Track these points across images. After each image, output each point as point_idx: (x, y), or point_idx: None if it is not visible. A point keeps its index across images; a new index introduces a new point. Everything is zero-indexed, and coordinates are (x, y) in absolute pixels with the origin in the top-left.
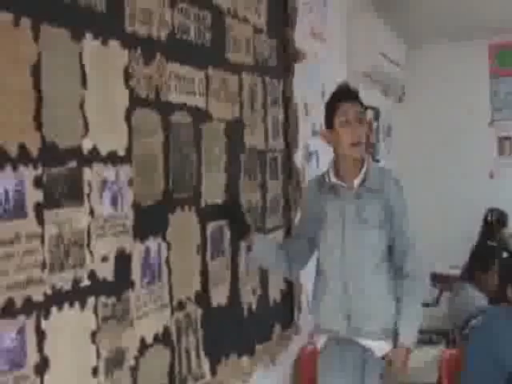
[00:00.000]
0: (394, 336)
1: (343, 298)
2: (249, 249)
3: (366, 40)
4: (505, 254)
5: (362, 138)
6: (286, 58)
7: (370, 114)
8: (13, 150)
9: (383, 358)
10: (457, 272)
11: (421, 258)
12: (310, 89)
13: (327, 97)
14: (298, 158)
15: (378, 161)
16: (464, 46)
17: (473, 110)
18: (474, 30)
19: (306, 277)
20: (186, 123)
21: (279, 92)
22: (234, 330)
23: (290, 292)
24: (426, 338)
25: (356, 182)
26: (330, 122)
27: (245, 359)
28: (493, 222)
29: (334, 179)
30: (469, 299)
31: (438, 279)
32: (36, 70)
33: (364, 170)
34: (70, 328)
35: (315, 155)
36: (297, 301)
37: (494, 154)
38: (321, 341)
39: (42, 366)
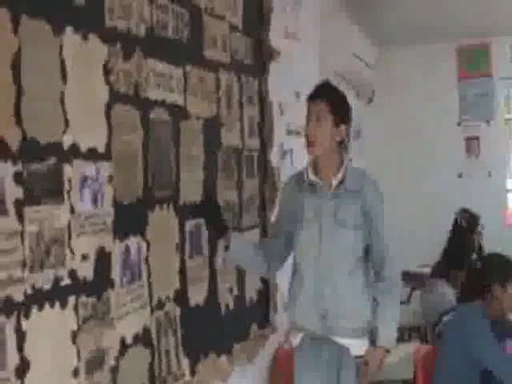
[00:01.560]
0: (371, 335)
1: (318, 298)
2: (226, 248)
3: (339, 40)
4: (474, 255)
5: (311, 132)
6: (261, 56)
7: None
8: None
9: (359, 356)
10: (427, 270)
11: (396, 262)
12: (285, 88)
13: (301, 96)
14: (274, 156)
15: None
16: (433, 48)
17: (441, 110)
18: (443, 33)
19: (282, 276)
20: (165, 120)
21: (255, 91)
22: (212, 329)
23: (266, 291)
24: (399, 334)
25: (334, 181)
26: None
27: (223, 358)
28: (463, 225)
29: (312, 177)
30: (441, 296)
31: (409, 277)
32: (16, 64)
33: (342, 169)
34: (50, 328)
35: (290, 154)
36: (272, 300)
37: (462, 154)
38: (296, 339)
39: (23, 368)
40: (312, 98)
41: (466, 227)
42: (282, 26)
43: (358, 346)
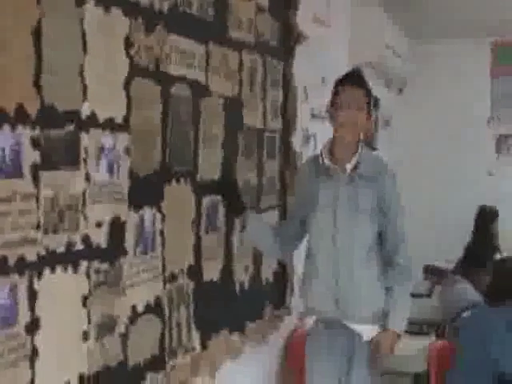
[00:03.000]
0: (383, 316)
1: (332, 283)
2: (242, 227)
3: (371, 30)
4: (498, 256)
5: (351, 120)
6: (288, 39)
7: None
8: (11, 110)
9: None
10: (450, 266)
11: (409, 251)
12: (311, 73)
13: (327, 82)
14: (296, 140)
15: (374, 149)
16: (466, 43)
17: (472, 106)
18: (476, 28)
19: (299, 259)
20: (186, 96)
21: (279, 73)
22: (225, 305)
23: (283, 273)
24: (417, 328)
25: (348, 166)
26: (332, 102)
27: (235, 336)
28: (482, 220)
29: (327, 161)
30: (461, 292)
31: (431, 272)
32: (37, 33)
33: (357, 155)
34: (62, 290)
35: (313, 138)
36: (289, 282)
37: (493, 151)
38: (309, 323)
39: (33, 326)
40: (350, 83)
41: (484, 224)
42: (311, 10)
43: (372, 333)
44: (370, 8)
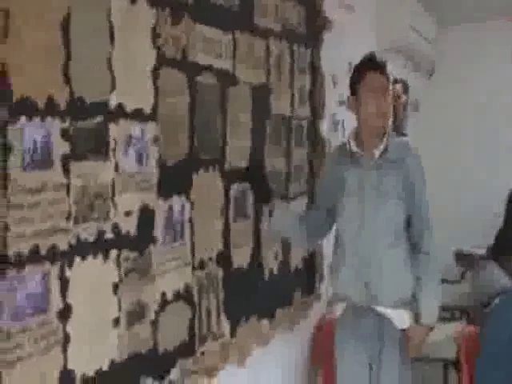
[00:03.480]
0: (414, 308)
1: (361, 268)
2: (270, 215)
3: (397, 14)
4: None
5: (386, 108)
6: (315, 26)
7: (398, 87)
8: (41, 102)
9: (403, 330)
10: (481, 251)
11: (434, 236)
12: (338, 59)
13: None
14: (324, 127)
15: (404, 134)
16: (494, 25)
17: (503, 91)
18: (505, 10)
19: (329, 246)
20: (213, 85)
21: (307, 60)
22: (254, 292)
23: (312, 259)
24: (449, 314)
25: (376, 152)
26: (354, 90)
27: (264, 322)
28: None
29: (354, 148)
30: (493, 277)
31: (462, 257)
32: (65, 26)
33: (385, 140)
34: (92, 278)
35: (341, 125)
36: (319, 268)
37: None
38: (339, 309)
39: (65, 313)
40: (375, 69)
41: None
42: None
43: (401, 318)
44: None
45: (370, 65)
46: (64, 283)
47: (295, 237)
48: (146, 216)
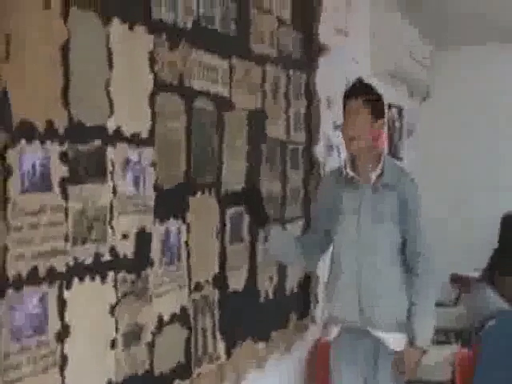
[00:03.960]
0: (408, 331)
1: (355, 290)
2: (265, 239)
3: (392, 38)
4: None
5: (357, 132)
6: (310, 51)
7: (393, 112)
8: (41, 126)
9: (398, 352)
10: (477, 274)
11: (433, 259)
12: (333, 83)
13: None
14: (320, 150)
15: (400, 159)
16: (490, 48)
17: (498, 112)
18: (499, 33)
19: (324, 269)
20: (209, 110)
21: (302, 85)
22: (250, 315)
23: (307, 282)
24: (444, 337)
25: (373, 176)
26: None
27: (260, 345)
28: (507, 227)
29: (350, 172)
30: (487, 300)
31: (457, 280)
32: (65, 50)
33: (381, 164)
34: (90, 300)
35: (336, 148)
36: (313, 291)
37: None
38: (334, 331)
39: (63, 334)
40: (349, 96)
41: (509, 231)
42: (332, 21)
43: (396, 341)
44: (391, 16)
45: (349, 91)
46: (62, 304)
47: (292, 257)
48: (143, 239)
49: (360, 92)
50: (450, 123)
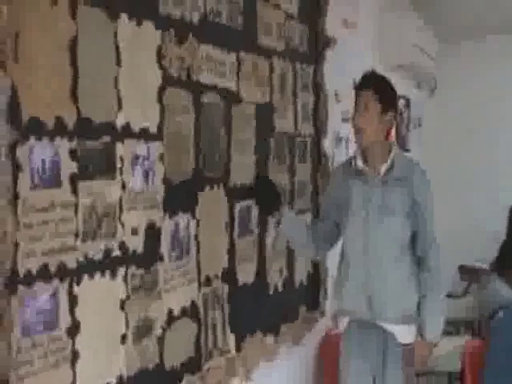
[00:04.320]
0: (418, 324)
1: (365, 284)
2: (278, 223)
3: (399, 31)
4: None
5: (363, 124)
6: (317, 44)
7: (401, 103)
8: (50, 122)
9: (406, 345)
10: (485, 265)
11: (440, 252)
12: (341, 76)
13: None
14: (327, 143)
15: (407, 150)
16: (497, 41)
17: (504, 105)
18: (507, 25)
19: (333, 261)
20: (217, 104)
21: (310, 78)
22: (259, 308)
23: (317, 275)
24: (454, 328)
25: (382, 168)
26: None
27: (269, 338)
28: None
29: (360, 164)
30: (496, 291)
31: (466, 272)
32: (73, 47)
33: (391, 157)
34: (100, 295)
35: (344, 141)
36: (323, 284)
37: None
38: (343, 323)
39: (74, 329)
40: (359, 87)
41: None
42: (340, 14)
43: (404, 334)
44: (399, 9)
45: (359, 83)
46: (73, 300)
47: (303, 244)
48: (153, 233)
49: (370, 83)
50: (455, 115)
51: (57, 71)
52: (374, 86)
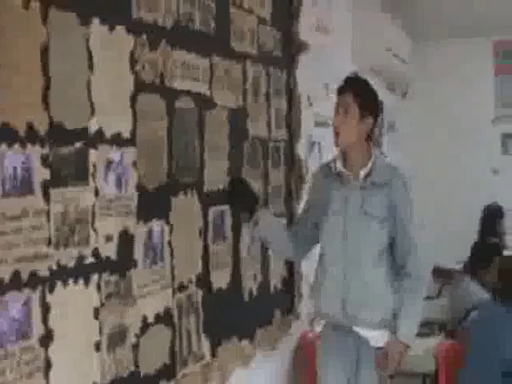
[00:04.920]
0: (392, 329)
1: (341, 285)
2: (255, 224)
3: (372, 34)
4: (506, 252)
5: (336, 127)
6: (290, 49)
7: None
8: (21, 129)
9: (380, 348)
10: (458, 266)
11: (424, 258)
12: (314, 80)
13: (331, 89)
14: (301, 148)
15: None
16: (468, 43)
17: (477, 106)
18: (478, 28)
19: (308, 265)
20: (190, 109)
21: (283, 83)
22: (234, 313)
23: (291, 279)
24: (428, 329)
25: (362, 172)
26: None
27: (245, 343)
28: (489, 218)
29: (340, 168)
30: (469, 292)
31: (440, 273)
32: (44, 52)
33: (371, 161)
34: (74, 303)
35: (317, 146)
36: (297, 288)
37: (498, 151)
38: (319, 326)
39: (47, 338)
40: (340, 90)
41: (490, 223)
42: (313, 19)
43: (378, 338)
44: (371, 11)
45: (340, 86)
46: (45, 308)
47: (281, 245)
48: (126, 240)
49: (350, 87)
50: (428, 117)
51: (28, 76)
52: (355, 90)
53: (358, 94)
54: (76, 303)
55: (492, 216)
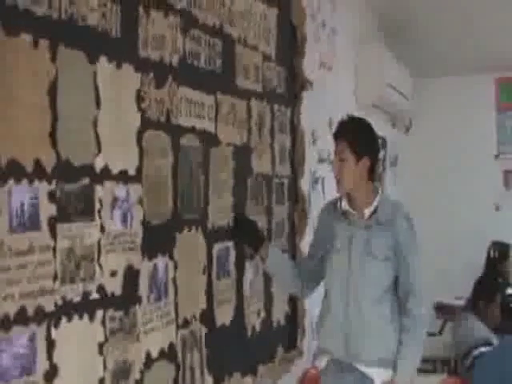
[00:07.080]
0: (394, 367)
1: (344, 324)
2: (263, 261)
3: (375, 71)
4: (510, 290)
5: (335, 174)
6: (295, 86)
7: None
8: (29, 165)
9: None
10: (461, 303)
11: (425, 297)
12: (318, 116)
13: (334, 125)
14: (304, 184)
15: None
16: (471, 79)
17: (479, 142)
18: (480, 64)
19: (311, 302)
20: (196, 146)
21: (287, 119)
22: (237, 349)
23: (294, 316)
24: (431, 366)
25: (367, 211)
26: None
27: (248, 379)
28: (495, 256)
29: (345, 206)
30: (471, 329)
31: (442, 309)
32: (52, 89)
33: (376, 201)
34: (78, 338)
35: (321, 182)
36: (300, 324)
37: (500, 186)
38: (322, 362)
39: (51, 374)
40: (334, 136)
41: (497, 258)
42: (317, 55)
43: (381, 376)
44: (374, 47)
45: (334, 132)
46: (50, 344)
47: (290, 282)
48: (131, 276)
49: (342, 133)
50: (431, 152)
51: (36, 113)
52: (347, 137)
53: (351, 139)
54: (81, 339)
55: (498, 253)
